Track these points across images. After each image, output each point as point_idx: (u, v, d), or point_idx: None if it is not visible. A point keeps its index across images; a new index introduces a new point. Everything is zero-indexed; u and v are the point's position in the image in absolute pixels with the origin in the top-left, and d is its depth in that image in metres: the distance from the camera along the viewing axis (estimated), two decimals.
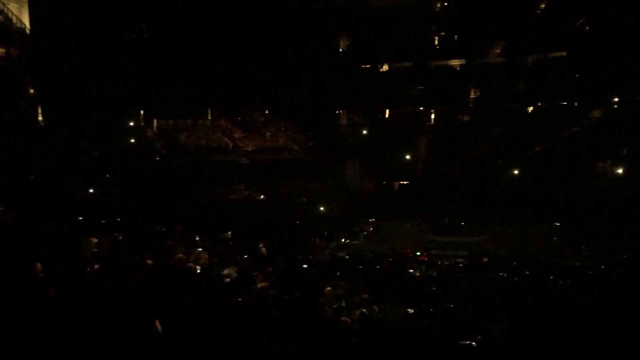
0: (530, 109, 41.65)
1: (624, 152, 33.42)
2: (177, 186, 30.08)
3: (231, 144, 37.29)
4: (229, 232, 21.20)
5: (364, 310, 10.51)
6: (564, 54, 36.87)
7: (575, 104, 40.12)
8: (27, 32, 33.10)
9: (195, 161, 34.15)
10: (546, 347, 9.19)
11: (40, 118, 33.10)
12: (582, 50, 34.88)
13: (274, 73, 33.91)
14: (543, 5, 31.25)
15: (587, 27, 33.81)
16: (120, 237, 10.38)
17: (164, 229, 15.55)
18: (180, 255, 10.91)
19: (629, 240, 24.15)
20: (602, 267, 19.70)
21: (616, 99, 36.44)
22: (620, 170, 31.45)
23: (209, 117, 39.24)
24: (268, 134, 39.47)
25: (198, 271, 10.39)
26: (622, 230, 25.59)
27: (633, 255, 21.64)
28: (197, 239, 14.59)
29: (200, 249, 12.63)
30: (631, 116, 35.11)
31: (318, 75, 35.48)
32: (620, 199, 28.75)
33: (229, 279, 10.23)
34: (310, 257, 21.41)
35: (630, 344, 8.18)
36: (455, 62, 40.32)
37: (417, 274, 18.21)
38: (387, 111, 44.33)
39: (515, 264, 20.68)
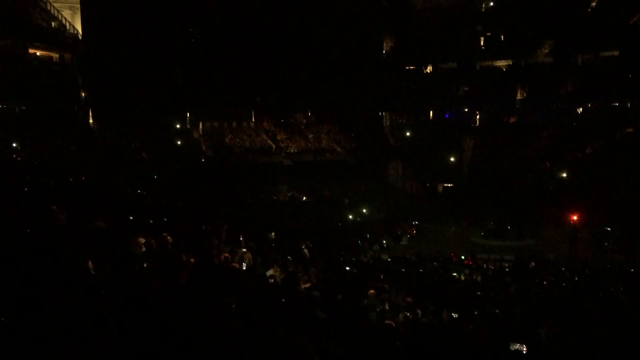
0: (580, 109, 40.48)
1: None
2: (222, 187, 30.58)
3: (274, 146, 37.69)
4: (273, 233, 21.36)
5: (408, 313, 10.42)
6: (616, 53, 35.64)
7: (628, 104, 38.75)
8: (80, 37, 34.36)
9: (240, 162, 34.68)
10: (596, 355, 8.90)
11: (91, 121, 34.27)
12: (635, 48, 33.64)
13: (317, 75, 34.07)
14: (594, 3, 30.24)
15: None
16: (168, 237, 10.59)
17: (210, 229, 15.80)
18: (226, 254, 11.07)
19: None
20: None
21: None
22: None
23: (253, 119, 39.80)
24: (311, 135, 39.71)
25: (243, 271, 10.51)
26: None
27: None
28: (242, 239, 14.76)
29: (245, 249, 12.78)
30: None
31: (362, 77, 35.43)
32: None
33: (272, 280, 10.31)
34: (353, 259, 21.37)
35: None
36: (501, 63, 39.57)
37: (462, 277, 17.96)
38: (432, 112, 43.90)
39: (563, 269, 20.13)
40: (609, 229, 26.99)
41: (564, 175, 35.37)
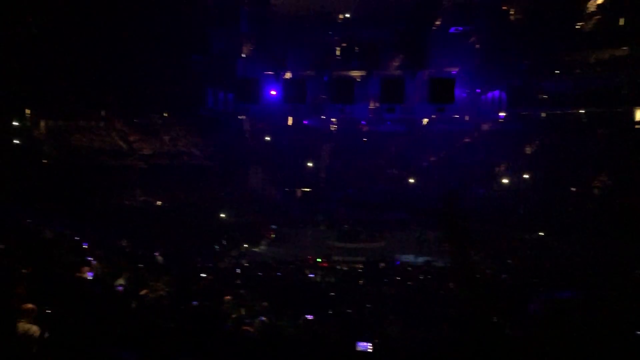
0: (426, 120, 43.70)
1: (504, 166, 35.95)
2: (68, 191, 28.34)
3: (126, 147, 35.66)
4: (124, 240, 20.29)
5: (264, 318, 10.43)
6: (457, 69, 39.09)
7: (466, 117, 42.68)
8: None
9: (88, 165, 32.32)
10: (440, 349, 9.59)
11: None
12: (473, 66, 37.11)
13: (172, 75, 32.92)
14: (439, 22, 32.89)
15: (478, 45, 36.04)
16: (2, 246, 9.58)
17: (52, 237, 14.57)
18: (71, 264, 10.27)
19: (516, 244, 25.95)
20: (488, 271, 20.95)
21: (503, 114, 39.14)
22: (506, 180, 33.74)
23: (103, 118, 37.20)
24: (167, 137, 38.20)
25: (88, 281, 9.81)
26: (510, 235, 27.46)
27: (518, 260, 23.26)
28: (87, 247, 13.81)
29: (91, 258, 11.95)
30: (515, 130, 38.00)
31: (219, 80, 34.96)
32: (509, 205, 30.91)
33: (121, 289, 9.75)
34: (210, 265, 21.02)
35: (514, 344, 8.71)
36: (356, 73, 41.32)
37: (318, 279, 18.41)
38: (290, 118, 44.68)
39: (410, 268, 21.51)
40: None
41: (411, 181, 37.92)
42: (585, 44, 33.34)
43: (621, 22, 32.51)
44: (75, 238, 15.37)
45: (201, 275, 15.72)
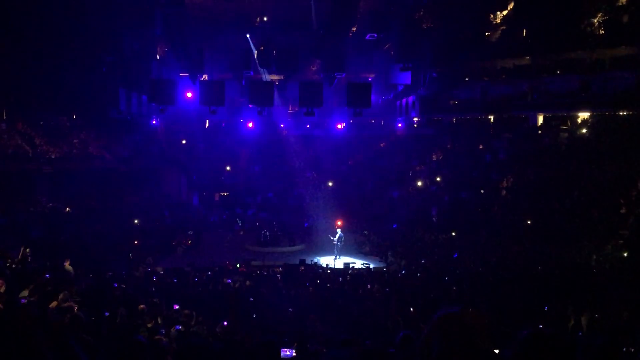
0: (343, 124, 44.29)
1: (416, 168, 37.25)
2: None
3: (31, 151, 33.58)
4: (28, 249, 19.08)
5: (181, 327, 10.15)
6: (373, 75, 39.98)
7: (382, 122, 43.76)
8: None
9: None
10: (361, 348, 9.71)
11: None
12: (388, 72, 38.08)
13: (82, 75, 31.38)
14: (355, 28, 33.52)
15: (392, 52, 37.01)
16: None
17: None
18: None
19: (428, 246, 26.89)
20: (403, 272, 21.61)
21: (417, 119, 40.48)
22: (420, 183, 34.90)
23: (4, 120, 34.79)
24: (76, 140, 36.35)
25: None
26: (422, 236, 28.43)
27: (430, 260, 24.13)
28: None
29: None
30: (428, 135, 39.45)
31: (133, 82, 33.70)
32: (423, 207, 31.99)
33: (25, 301, 9.16)
34: (123, 273, 20.26)
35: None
36: (274, 77, 41.17)
37: (237, 285, 18.19)
38: (207, 121, 43.87)
39: (329, 271, 21.75)
40: (366, 232, 30.00)
41: (330, 184, 38.38)
42: (492, 53, 35.18)
43: (524, 33, 34.61)
44: None
45: (114, 284, 15.10)
